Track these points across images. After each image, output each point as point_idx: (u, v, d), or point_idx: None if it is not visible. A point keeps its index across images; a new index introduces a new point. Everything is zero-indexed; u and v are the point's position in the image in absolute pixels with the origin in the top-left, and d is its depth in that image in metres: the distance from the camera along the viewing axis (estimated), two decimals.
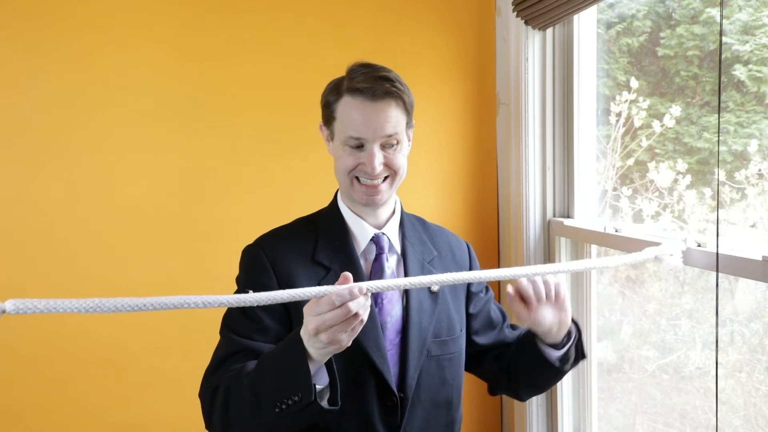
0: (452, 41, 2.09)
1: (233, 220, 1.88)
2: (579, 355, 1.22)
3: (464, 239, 1.36)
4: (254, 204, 1.91)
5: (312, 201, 1.31)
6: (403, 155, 1.16)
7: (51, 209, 1.73)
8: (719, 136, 1.36)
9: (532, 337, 1.19)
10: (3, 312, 0.82)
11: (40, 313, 0.83)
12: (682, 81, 1.54)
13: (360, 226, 1.18)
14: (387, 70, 1.13)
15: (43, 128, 1.71)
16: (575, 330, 1.20)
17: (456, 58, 2.10)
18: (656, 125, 1.56)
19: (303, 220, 1.24)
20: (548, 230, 1.90)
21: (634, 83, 1.62)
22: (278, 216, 1.30)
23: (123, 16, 1.76)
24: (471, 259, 1.32)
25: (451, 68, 2.10)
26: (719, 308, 1.24)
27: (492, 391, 1.34)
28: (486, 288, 1.33)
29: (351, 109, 1.10)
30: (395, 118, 1.11)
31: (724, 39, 1.35)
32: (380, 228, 1.19)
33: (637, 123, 1.62)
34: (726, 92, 1.38)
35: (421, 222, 1.30)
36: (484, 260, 2.10)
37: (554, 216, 1.90)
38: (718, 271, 1.21)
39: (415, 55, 2.05)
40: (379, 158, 1.11)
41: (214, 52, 1.85)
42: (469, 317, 1.27)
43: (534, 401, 1.94)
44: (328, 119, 1.15)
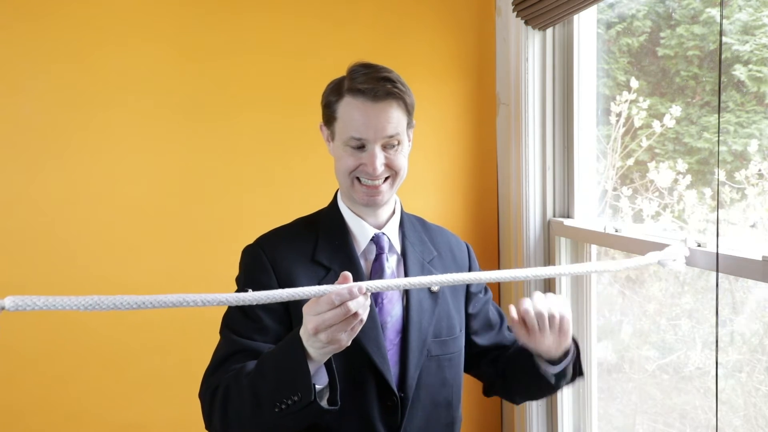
0: (452, 41, 2.09)
1: (233, 220, 1.88)
2: (576, 373, 1.21)
3: (464, 239, 1.36)
4: (254, 204, 1.91)
5: (312, 201, 1.31)
6: (404, 156, 1.16)
7: (51, 209, 1.73)
8: (719, 136, 1.36)
9: (530, 351, 1.18)
10: (2, 308, 0.82)
11: (39, 310, 0.83)
12: (682, 81, 1.54)
13: (360, 226, 1.18)
14: (388, 71, 1.13)
15: (43, 128, 1.71)
16: (574, 349, 1.19)
17: (456, 58, 2.10)
18: (656, 125, 1.56)
19: (303, 220, 1.24)
20: (548, 230, 1.90)
21: (634, 83, 1.62)
22: (278, 216, 1.30)
23: (123, 16, 1.76)
24: (470, 260, 1.32)
25: (451, 68, 2.10)
26: (719, 308, 1.24)
27: (487, 393, 1.34)
28: (485, 289, 1.33)
29: (352, 110, 1.10)
30: (397, 119, 1.11)
31: (724, 39, 1.35)
32: (380, 228, 1.19)
33: (637, 123, 1.62)
34: (726, 92, 1.38)
35: (421, 222, 1.30)
36: (484, 260, 2.10)
37: (554, 216, 1.90)
38: (718, 271, 1.21)
39: (415, 55, 2.05)
40: (381, 159, 1.11)
41: (214, 52, 1.85)
42: (468, 317, 1.27)
43: (534, 401, 1.94)
44: (329, 119, 1.15)
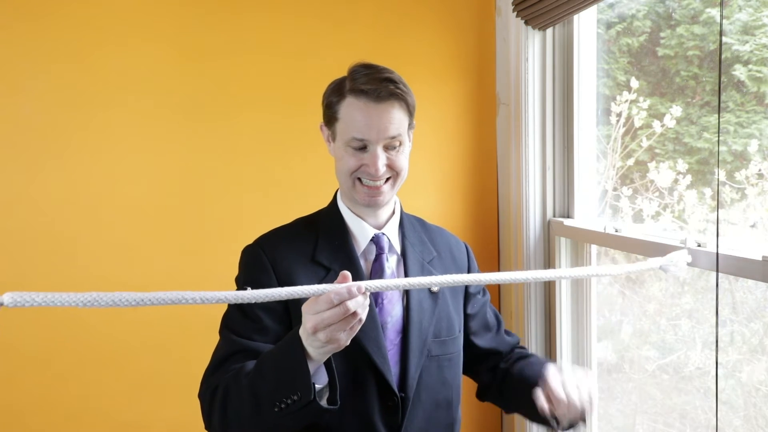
0: (452, 41, 2.09)
1: (233, 220, 1.88)
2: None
3: (464, 239, 1.36)
4: (254, 204, 1.90)
5: (312, 201, 1.31)
6: (405, 156, 1.16)
7: (51, 209, 1.73)
8: (719, 136, 1.36)
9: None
10: (1, 304, 0.82)
11: (39, 309, 0.83)
12: (682, 81, 1.54)
13: (360, 227, 1.18)
14: (390, 72, 1.12)
15: (43, 128, 1.71)
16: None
17: (456, 58, 2.10)
18: (656, 125, 1.56)
19: (303, 220, 1.24)
20: (548, 230, 1.90)
21: (634, 83, 1.62)
22: (278, 216, 1.30)
23: (123, 16, 1.76)
24: (469, 260, 1.32)
25: (451, 68, 2.10)
26: (719, 308, 1.24)
27: (480, 397, 1.34)
28: (483, 290, 1.33)
29: (354, 111, 1.09)
30: (398, 120, 1.11)
31: (724, 39, 1.35)
32: (380, 228, 1.19)
33: (638, 123, 1.62)
34: (726, 92, 1.38)
35: (421, 222, 1.30)
36: (484, 260, 2.10)
37: (554, 216, 1.90)
38: (718, 271, 1.21)
39: (415, 55, 2.05)
40: (383, 160, 1.11)
41: (214, 52, 1.85)
42: (467, 317, 1.27)
43: None
44: (330, 120, 1.15)
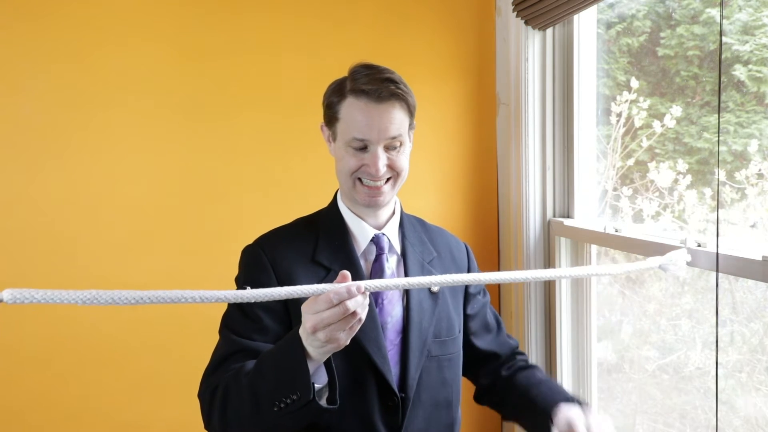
0: (452, 41, 2.09)
1: (233, 220, 1.88)
2: None
3: (464, 239, 1.36)
4: (254, 204, 1.90)
5: (312, 201, 1.31)
6: (406, 157, 1.16)
7: (51, 209, 1.73)
8: (719, 136, 1.36)
9: (544, 418, 1.14)
10: (0, 301, 0.82)
11: (39, 307, 0.83)
12: (682, 81, 1.54)
13: (360, 227, 1.18)
14: (391, 72, 1.12)
15: (43, 128, 1.71)
16: None
17: (456, 58, 2.10)
18: (656, 125, 1.56)
19: (303, 221, 1.24)
20: (548, 230, 1.90)
21: (635, 83, 1.62)
22: (278, 216, 1.30)
23: (123, 16, 1.76)
24: (469, 261, 1.32)
25: (451, 68, 2.10)
26: (719, 308, 1.24)
27: (478, 400, 1.34)
28: (483, 291, 1.33)
29: (355, 111, 1.09)
30: (399, 120, 1.11)
31: (724, 39, 1.35)
32: (380, 228, 1.19)
33: (638, 123, 1.62)
34: (726, 92, 1.38)
35: (421, 223, 1.30)
36: (484, 260, 2.10)
37: (554, 216, 1.90)
38: (718, 271, 1.21)
39: (415, 55, 2.05)
40: (383, 160, 1.11)
41: (214, 52, 1.85)
42: (467, 318, 1.27)
43: None
44: (331, 120, 1.15)
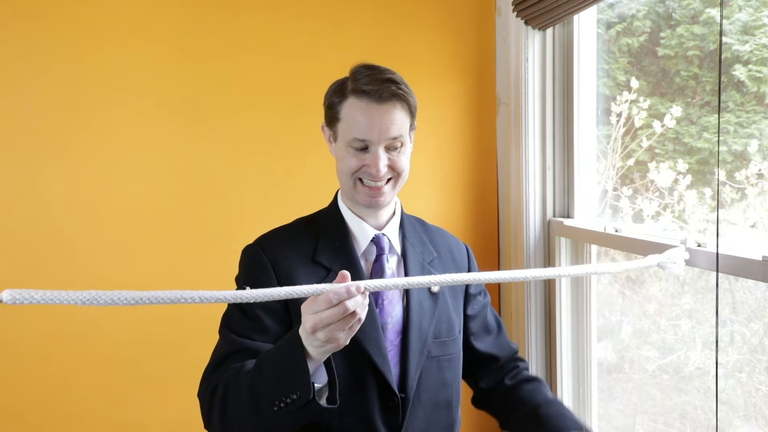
0: (452, 41, 2.09)
1: (233, 220, 1.88)
2: None
3: (464, 239, 1.36)
4: (254, 204, 1.90)
5: (312, 201, 1.31)
6: (407, 157, 1.16)
7: (51, 209, 1.73)
8: (719, 136, 1.36)
9: None
10: (0, 302, 0.82)
11: (39, 308, 0.82)
12: (682, 81, 1.54)
13: (360, 227, 1.18)
14: (392, 72, 1.12)
15: (43, 128, 1.71)
16: None
17: (456, 59, 2.10)
18: (656, 125, 1.56)
19: (303, 221, 1.24)
20: (548, 230, 1.90)
21: (635, 83, 1.62)
22: (278, 216, 1.30)
23: (123, 16, 1.76)
24: (470, 261, 1.32)
25: (451, 68, 2.10)
26: (719, 308, 1.24)
27: (476, 405, 1.34)
28: (484, 292, 1.33)
29: (356, 111, 1.10)
30: (400, 121, 1.11)
31: (724, 39, 1.34)
32: (381, 229, 1.19)
33: (638, 123, 1.62)
34: (726, 92, 1.38)
35: (421, 223, 1.30)
36: (484, 260, 2.10)
37: (554, 216, 1.90)
38: (718, 271, 1.21)
39: (415, 55, 2.05)
40: (384, 160, 1.11)
41: (214, 52, 1.85)
42: (467, 318, 1.27)
43: None
44: (332, 120, 1.15)
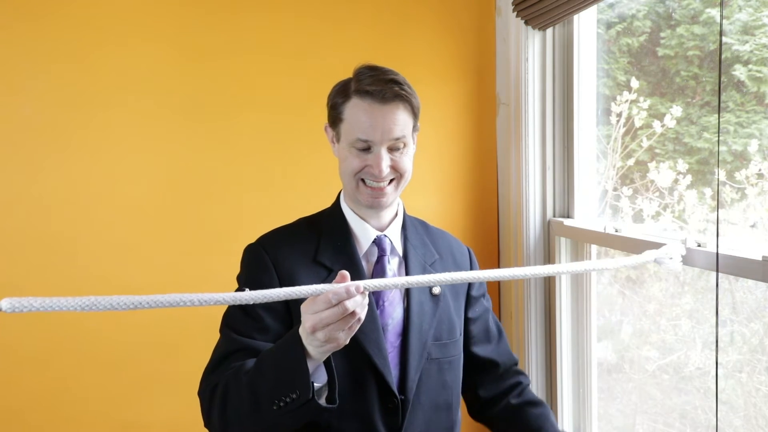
0: (452, 41, 2.09)
1: (233, 220, 1.88)
2: None
3: (464, 239, 1.36)
4: (254, 204, 1.90)
5: (313, 201, 1.31)
6: (409, 158, 1.16)
7: (51, 209, 1.73)
8: (719, 136, 1.36)
9: None
10: None
11: (37, 311, 0.82)
12: (683, 81, 1.54)
13: (362, 228, 1.18)
14: (395, 73, 1.13)
15: (43, 128, 1.71)
16: None
17: (456, 59, 2.10)
18: (657, 125, 1.56)
19: (305, 221, 1.24)
20: (548, 230, 1.90)
21: (635, 83, 1.62)
22: (279, 216, 1.30)
23: (123, 16, 1.76)
24: (472, 264, 1.32)
25: (451, 68, 2.10)
26: (719, 308, 1.24)
27: (474, 416, 1.33)
28: (485, 296, 1.33)
29: (359, 112, 1.10)
30: (403, 122, 1.11)
31: (724, 39, 1.35)
32: (382, 230, 1.19)
33: (638, 123, 1.62)
34: (726, 92, 1.38)
35: (423, 225, 1.30)
36: (484, 260, 2.10)
37: (554, 216, 1.90)
38: (718, 271, 1.21)
39: (416, 56, 2.05)
40: (386, 161, 1.11)
41: (214, 52, 1.85)
42: (468, 321, 1.27)
43: None
44: (335, 121, 1.15)
